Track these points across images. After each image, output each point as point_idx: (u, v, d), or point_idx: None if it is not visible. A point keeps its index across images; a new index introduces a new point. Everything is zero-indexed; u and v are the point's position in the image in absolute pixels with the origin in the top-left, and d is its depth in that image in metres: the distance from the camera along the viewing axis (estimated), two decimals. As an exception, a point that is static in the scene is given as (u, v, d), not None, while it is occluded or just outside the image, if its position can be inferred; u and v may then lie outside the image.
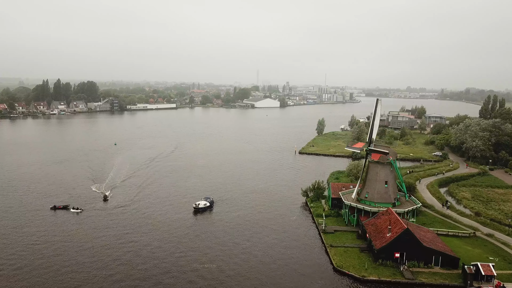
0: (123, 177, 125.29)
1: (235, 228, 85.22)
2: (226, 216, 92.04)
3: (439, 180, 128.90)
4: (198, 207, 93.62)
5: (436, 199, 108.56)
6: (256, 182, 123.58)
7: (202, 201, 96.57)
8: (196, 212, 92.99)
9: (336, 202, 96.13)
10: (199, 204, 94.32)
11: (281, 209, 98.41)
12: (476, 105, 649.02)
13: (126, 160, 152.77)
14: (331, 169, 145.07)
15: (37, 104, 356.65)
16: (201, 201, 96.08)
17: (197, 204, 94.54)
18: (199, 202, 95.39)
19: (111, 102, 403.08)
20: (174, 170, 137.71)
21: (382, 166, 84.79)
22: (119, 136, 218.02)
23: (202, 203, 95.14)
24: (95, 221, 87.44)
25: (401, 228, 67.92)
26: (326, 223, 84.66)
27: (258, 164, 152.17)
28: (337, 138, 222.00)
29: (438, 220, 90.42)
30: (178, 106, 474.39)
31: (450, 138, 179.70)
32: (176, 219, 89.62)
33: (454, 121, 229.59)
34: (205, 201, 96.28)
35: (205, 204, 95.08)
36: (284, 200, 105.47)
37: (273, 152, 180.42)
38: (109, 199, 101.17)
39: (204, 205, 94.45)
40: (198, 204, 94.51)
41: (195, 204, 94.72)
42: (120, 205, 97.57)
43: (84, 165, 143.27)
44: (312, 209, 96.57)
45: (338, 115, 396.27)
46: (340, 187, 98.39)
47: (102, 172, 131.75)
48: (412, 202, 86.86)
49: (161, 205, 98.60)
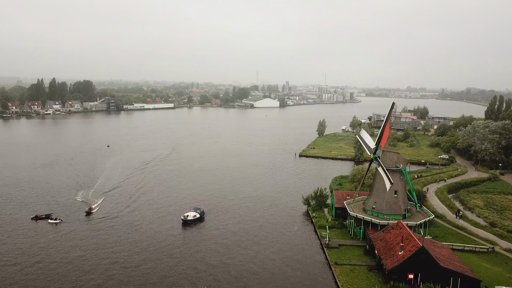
0: (113, 183, 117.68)
1: (228, 242, 77.48)
2: (219, 229, 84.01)
3: (448, 186, 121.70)
4: (187, 219, 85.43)
5: (447, 207, 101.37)
6: (254, 188, 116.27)
7: (191, 212, 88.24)
8: (184, 224, 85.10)
9: (340, 212, 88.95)
10: (187, 216, 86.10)
11: (280, 219, 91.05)
12: (478, 105, 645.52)
13: (118, 163, 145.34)
14: (333, 173, 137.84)
15: (31, 103, 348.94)
16: (190, 212, 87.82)
17: (185, 215, 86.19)
18: (188, 214, 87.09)
19: (107, 101, 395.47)
20: (169, 175, 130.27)
21: (391, 174, 77.49)
22: (113, 137, 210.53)
23: (191, 214, 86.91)
24: (71, 234, 79.48)
25: (415, 246, 60.70)
26: (330, 236, 77.41)
27: (256, 168, 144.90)
28: (338, 139, 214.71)
29: (451, 232, 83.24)
30: (176, 106, 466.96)
31: (457, 140, 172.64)
32: (162, 233, 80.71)
33: (459, 122, 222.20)
34: (195, 212, 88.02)
35: (194, 215, 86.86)
36: (284, 209, 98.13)
37: (273, 154, 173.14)
38: (94, 212, 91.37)
39: (193, 217, 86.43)
40: (186, 215, 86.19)
41: (183, 216, 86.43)
42: (105, 216, 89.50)
43: (73, 168, 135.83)
44: (314, 219, 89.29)
45: (338, 115, 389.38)
46: (345, 195, 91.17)
47: (91, 177, 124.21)
48: (424, 213, 79.68)
49: (148, 217, 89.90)
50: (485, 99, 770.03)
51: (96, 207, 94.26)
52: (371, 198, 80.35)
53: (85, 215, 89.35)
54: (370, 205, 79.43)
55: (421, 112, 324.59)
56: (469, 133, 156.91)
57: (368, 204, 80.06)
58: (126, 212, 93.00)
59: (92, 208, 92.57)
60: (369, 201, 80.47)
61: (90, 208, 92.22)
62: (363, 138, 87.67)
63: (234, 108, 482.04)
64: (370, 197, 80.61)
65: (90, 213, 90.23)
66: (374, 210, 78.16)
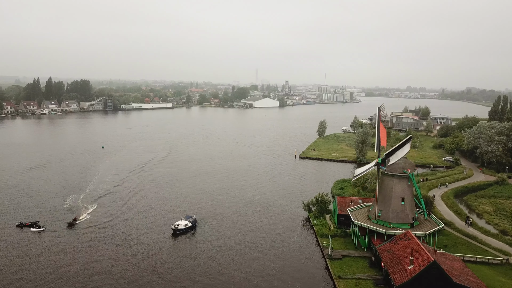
0: (106, 188, 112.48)
1: (223, 254, 72.11)
2: (213, 239, 78.35)
3: (454, 190, 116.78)
4: (178, 228, 79.69)
5: (454, 213, 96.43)
6: (252, 193, 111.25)
7: (182, 221, 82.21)
8: (175, 234, 79.47)
9: (343, 219, 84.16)
10: (178, 225, 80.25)
11: (280, 227, 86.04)
12: (479, 105, 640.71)
13: (112, 166, 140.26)
14: (335, 176, 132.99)
15: (26, 103, 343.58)
16: (181, 221, 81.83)
17: (176, 225, 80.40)
18: (179, 223, 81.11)
19: (104, 101, 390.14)
20: (164, 179, 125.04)
21: (398, 180, 72.65)
22: (109, 138, 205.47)
23: (182, 223, 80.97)
24: (54, 244, 74.06)
25: (426, 260, 55.75)
26: (332, 246, 72.51)
27: (255, 170, 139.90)
28: (339, 141, 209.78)
29: (461, 242, 78.37)
30: (175, 105, 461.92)
31: (461, 141, 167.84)
32: (152, 245, 74.76)
33: (462, 123, 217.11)
34: (186, 221, 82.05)
35: (185, 224, 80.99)
36: (283, 216, 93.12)
37: (272, 156, 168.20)
38: (80, 223, 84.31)
39: (184, 226, 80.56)
40: (177, 224, 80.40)
41: (174, 225, 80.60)
42: (93, 225, 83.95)
43: (64, 171, 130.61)
44: (315, 227, 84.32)
45: (339, 115, 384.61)
46: (348, 202, 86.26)
47: (82, 181, 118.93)
48: (433, 222, 74.71)
49: (140, 226, 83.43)
50: (486, 99, 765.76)
51: (83, 217, 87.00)
52: (376, 205, 75.37)
53: (66, 227, 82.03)
54: (375, 213, 74.49)
55: (423, 112, 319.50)
56: (475, 134, 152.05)
57: (373, 212, 75.13)
58: (116, 220, 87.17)
59: (76, 219, 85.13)
60: (374, 209, 75.52)
61: (74, 219, 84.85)
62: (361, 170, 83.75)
63: (233, 108, 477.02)
64: (375, 205, 75.62)
65: (73, 225, 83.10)
66: (380, 218, 73.22)
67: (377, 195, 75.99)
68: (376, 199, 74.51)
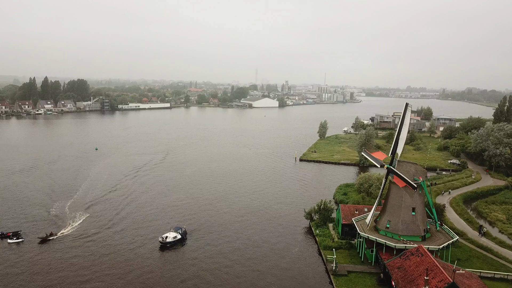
0: (96, 193, 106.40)
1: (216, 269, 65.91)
2: (204, 254, 71.25)
3: (463, 196, 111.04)
4: (166, 241, 73.47)
5: (465, 221, 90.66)
6: (250, 199, 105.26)
7: (171, 232, 75.99)
8: (163, 247, 73.06)
9: (347, 229, 78.32)
10: (166, 238, 74.15)
11: (279, 237, 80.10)
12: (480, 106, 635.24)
13: (104, 169, 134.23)
14: (337, 180, 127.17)
15: (21, 103, 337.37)
16: (169, 233, 75.65)
17: (164, 237, 74.32)
18: (167, 235, 74.93)
19: (101, 101, 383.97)
20: (159, 184, 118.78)
21: (409, 188, 66.73)
22: (103, 139, 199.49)
23: (170, 235, 74.77)
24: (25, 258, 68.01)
25: (444, 281, 49.93)
26: (337, 261, 66.64)
27: (253, 174, 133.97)
28: (340, 142, 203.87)
29: (475, 255, 72.53)
30: (173, 105, 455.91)
31: (467, 143, 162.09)
32: (137, 260, 67.66)
33: (466, 124, 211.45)
34: (175, 233, 75.92)
35: (174, 237, 74.75)
36: (283, 225, 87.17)
37: (271, 158, 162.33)
38: (55, 238, 75.90)
39: (173, 238, 74.32)
40: (165, 237, 74.30)
41: (162, 237, 74.49)
42: (79, 236, 77.77)
43: (52, 175, 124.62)
44: (318, 238, 78.44)
45: (339, 115, 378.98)
46: (353, 210, 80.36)
47: (72, 185, 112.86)
48: (446, 234, 68.90)
49: (126, 239, 76.62)
50: (487, 99, 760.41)
51: (65, 231, 78.92)
52: (384, 215, 69.52)
53: (38, 243, 73.69)
54: (383, 223, 68.65)
55: (425, 113, 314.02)
56: (482, 136, 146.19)
57: (381, 223, 69.25)
58: (104, 232, 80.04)
59: (52, 234, 76.65)
60: (382, 219, 69.66)
61: (49, 234, 76.47)
62: (370, 154, 76.81)
63: (232, 108, 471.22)
64: (383, 214, 69.77)
65: (46, 240, 74.72)
66: (388, 230, 67.39)
67: (385, 204, 70.20)
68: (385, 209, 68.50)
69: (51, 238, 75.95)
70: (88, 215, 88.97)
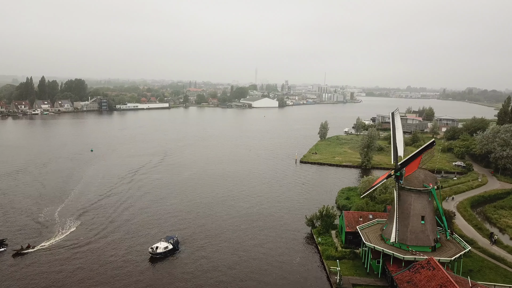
0: (88, 198, 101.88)
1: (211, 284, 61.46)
2: (198, 265, 66.28)
3: (470, 200, 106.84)
4: (156, 252, 68.50)
5: (474, 228, 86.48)
6: (249, 204, 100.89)
7: (162, 242, 70.79)
8: (153, 259, 68.17)
9: (351, 238, 74.19)
10: (157, 248, 69.11)
11: (280, 246, 75.79)
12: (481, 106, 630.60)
13: (99, 172, 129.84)
14: (339, 183, 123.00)
15: (18, 103, 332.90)
16: (160, 243, 70.46)
17: (154, 248, 69.29)
18: (157, 245, 69.81)
19: (99, 101, 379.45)
20: (154, 188, 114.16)
21: (418, 195, 62.58)
22: (100, 140, 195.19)
23: (161, 246, 69.65)
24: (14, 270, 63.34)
25: (459, 299, 45.74)
26: (341, 273, 62.38)
27: (253, 176, 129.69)
28: (342, 143, 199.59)
29: (488, 265, 68.33)
30: (172, 105, 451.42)
31: (471, 145, 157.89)
32: (124, 274, 62.58)
33: (470, 124, 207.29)
34: (166, 243, 70.80)
35: (165, 247, 69.69)
36: (283, 232, 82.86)
37: (271, 160, 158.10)
38: (32, 251, 69.65)
39: (164, 249, 69.23)
40: (155, 247, 69.30)
41: (152, 248, 69.46)
42: (60, 246, 72.64)
43: (44, 178, 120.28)
44: (320, 247, 74.15)
45: (340, 116, 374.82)
46: (357, 217, 76.15)
47: (63, 189, 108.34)
48: (456, 243, 64.67)
49: (115, 249, 71.65)
50: (488, 99, 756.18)
51: (46, 243, 73.06)
52: (391, 224, 65.24)
53: (12, 255, 67.90)
54: (390, 233, 64.32)
55: (427, 113, 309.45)
56: (488, 138, 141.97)
57: (388, 232, 64.96)
58: (91, 241, 75.67)
59: (29, 247, 70.60)
60: (388, 228, 65.38)
61: (25, 246, 70.55)
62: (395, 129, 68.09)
63: (232, 108, 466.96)
64: (390, 223, 65.49)
65: (20, 254, 68.48)
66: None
67: (392, 211, 65.93)
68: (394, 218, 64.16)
69: (27, 251, 69.61)
70: (79, 222, 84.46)
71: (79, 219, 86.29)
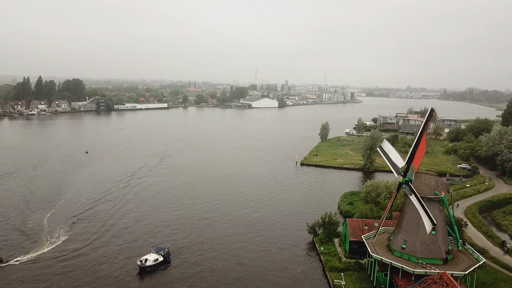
0: (81, 203, 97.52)
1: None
2: (189, 281, 61.35)
3: (478, 205, 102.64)
4: (145, 265, 63.67)
5: (484, 235, 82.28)
6: (248, 210, 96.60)
7: (152, 254, 65.76)
8: (142, 272, 63.41)
9: (356, 247, 69.97)
10: (146, 261, 64.21)
11: (280, 256, 71.52)
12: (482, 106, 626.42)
13: (93, 175, 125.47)
14: (341, 187, 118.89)
15: (14, 103, 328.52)
16: (150, 255, 65.45)
17: (143, 260, 64.35)
18: (147, 257, 64.84)
19: (97, 101, 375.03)
20: (150, 193, 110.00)
21: (428, 204, 58.25)
22: (96, 141, 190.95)
23: (151, 258, 64.68)
24: None
25: (478, 322, 41.51)
26: (345, 287, 58.14)
27: (252, 180, 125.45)
28: (343, 145, 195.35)
29: (502, 277, 64.13)
30: (170, 106, 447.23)
31: (476, 146, 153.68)
32: None
33: (473, 125, 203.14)
34: (156, 255, 65.81)
35: (155, 259, 64.71)
36: (284, 240, 78.61)
37: (271, 162, 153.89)
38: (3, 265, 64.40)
39: (154, 261, 64.32)
40: (144, 260, 64.38)
41: (140, 260, 64.46)
42: (54, 256, 68.43)
43: (34, 181, 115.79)
44: (323, 257, 69.93)
45: (340, 116, 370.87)
46: (361, 225, 71.94)
47: (54, 194, 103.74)
48: (469, 254, 60.43)
49: (103, 261, 66.84)
50: (489, 100, 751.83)
51: (24, 257, 67.21)
52: (399, 234, 60.99)
53: None
54: (398, 243, 60.12)
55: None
56: (495, 140, 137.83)
57: (396, 242, 60.71)
58: (82, 253, 71.05)
59: (2, 261, 65.15)
60: (396, 238, 61.12)
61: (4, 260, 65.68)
62: (387, 153, 67.58)
63: (231, 108, 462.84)
64: (398, 233, 61.25)
65: None
66: (404, 251, 58.85)
67: (400, 220, 61.74)
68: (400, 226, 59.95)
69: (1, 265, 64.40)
70: (68, 230, 80.00)
71: (69, 226, 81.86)
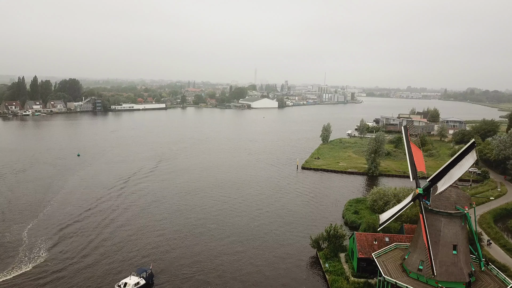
0: (67, 212, 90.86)
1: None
2: None
3: (492, 214, 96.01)
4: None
5: (502, 249, 75.72)
6: (246, 219, 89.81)
7: (132, 277, 58.79)
8: None
9: (364, 265, 63.27)
10: (125, 285, 57.22)
11: (281, 273, 64.71)
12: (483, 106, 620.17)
13: (83, 181, 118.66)
14: (345, 193, 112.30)
15: (8, 104, 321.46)
16: (130, 278, 58.54)
17: (121, 285, 57.52)
18: (126, 281, 57.90)
19: (93, 102, 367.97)
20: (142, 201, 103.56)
21: (449, 220, 51.78)
22: (89, 143, 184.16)
23: (131, 282, 57.59)
24: None
25: None
26: (355, 313, 51.55)
27: (251, 185, 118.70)
28: (345, 147, 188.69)
29: (529, 300, 57.37)
30: (169, 106, 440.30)
31: (485, 149, 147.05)
32: None
33: (479, 127, 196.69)
34: (138, 278, 58.69)
35: (136, 283, 57.58)
36: (285, 256, 71.60)
37: (271, 165, 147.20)
38: None
39: (134, 286, 57.32)
40: (123, 284, 57.48)
41: (119, 285, 57.53)
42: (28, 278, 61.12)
43: (16, 187, 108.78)
44: (328, 276, 63.20)
45: (341, 117, 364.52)
46: (371, 240, 65.20)
47: (38, 202, 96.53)
48: (493, 276, 53.83)
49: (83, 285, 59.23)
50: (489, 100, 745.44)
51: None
52: (415, 252, 54.37)
53: None
54: (414, 264, 53.50)
55: (432, 114, 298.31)
56: (506, 143, 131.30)
57: (411, 263, 54.08)
58: (65, 273, 64.40)
59: None
60: (412, 257, 54.50)
61: None
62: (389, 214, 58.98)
63: (230, 108, 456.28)
64: (414, 251, 54.62)
65: None
66: (421, 273, 52.22)
67: (416, 238, 55.09)
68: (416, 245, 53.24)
69: None
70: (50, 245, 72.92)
71: (52, 240, 74.96)
